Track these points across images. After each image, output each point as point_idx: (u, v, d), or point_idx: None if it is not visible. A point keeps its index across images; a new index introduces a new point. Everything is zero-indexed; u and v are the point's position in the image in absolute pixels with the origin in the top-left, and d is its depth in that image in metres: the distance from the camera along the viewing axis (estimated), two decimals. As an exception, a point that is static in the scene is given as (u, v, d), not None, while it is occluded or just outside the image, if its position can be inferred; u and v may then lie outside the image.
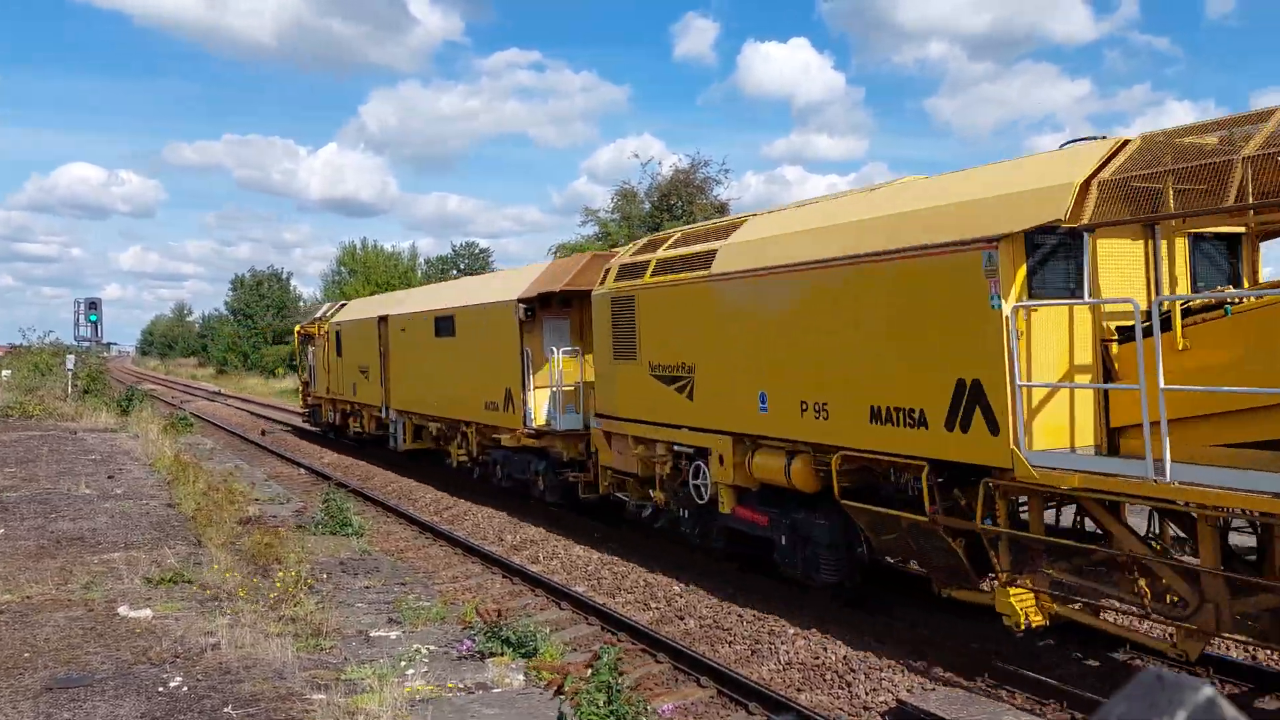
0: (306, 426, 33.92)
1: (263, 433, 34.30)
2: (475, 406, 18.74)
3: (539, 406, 16.67)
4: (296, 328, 33.74)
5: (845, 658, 9.36)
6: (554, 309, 17.03)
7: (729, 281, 11.13)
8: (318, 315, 32.22)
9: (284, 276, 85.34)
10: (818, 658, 9.50)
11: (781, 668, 9.45)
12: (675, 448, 12.55)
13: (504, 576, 13.56)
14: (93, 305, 44.34)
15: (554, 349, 16.38)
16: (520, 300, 16.86)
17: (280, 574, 10.20)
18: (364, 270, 59.11)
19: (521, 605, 12.03)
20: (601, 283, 14.05)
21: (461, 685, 7.32)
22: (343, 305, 31.35)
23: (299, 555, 12.26)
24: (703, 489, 12.11)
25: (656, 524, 13.78)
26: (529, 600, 12.35)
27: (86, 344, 46.27)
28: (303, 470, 25.08)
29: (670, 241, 13.00)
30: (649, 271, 12.75)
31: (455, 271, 60.72)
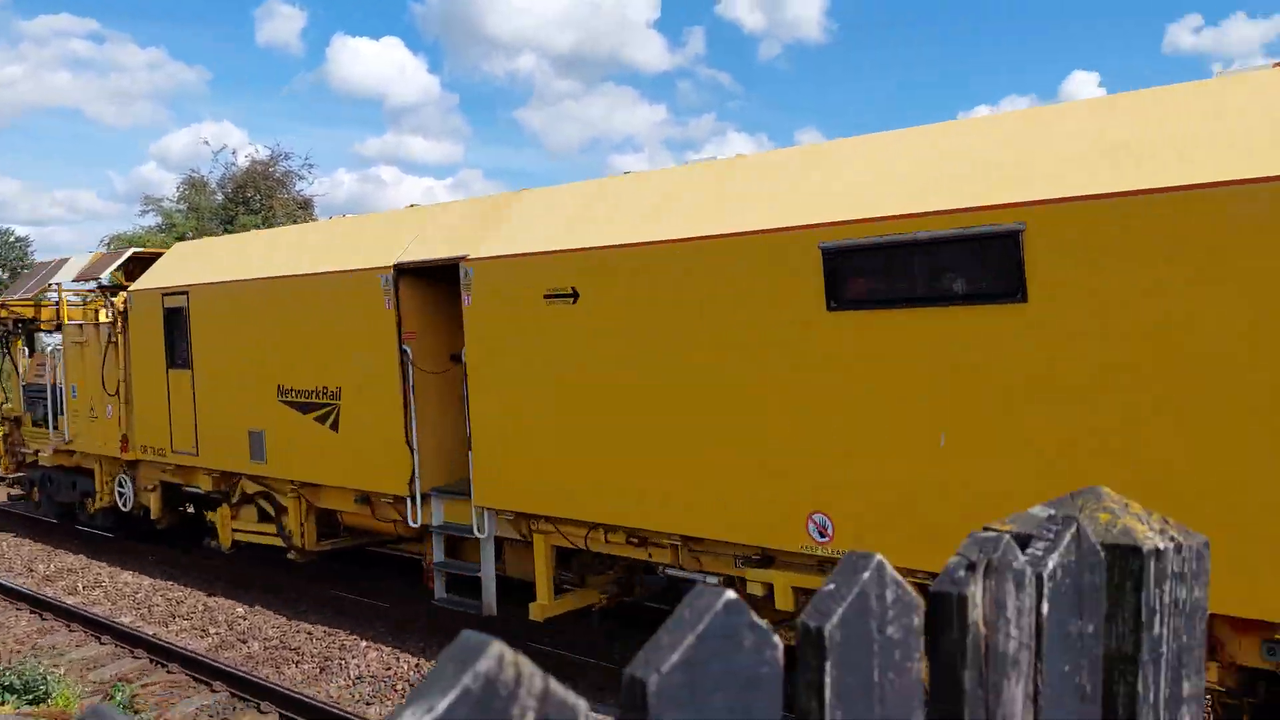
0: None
1: None
2: None
3: None
4: None
5: (419, 665, 9.29)
6: None
7: None
8: (54, 279, 15.02)
9: None
10: (389, 668, 9.34)
11: (351, 683, 9.16)
12: None
13: (33, 612, 11.85)
14: None
15: None
16: None
17: None
18: None
19: (52, 644, 10.59)
20: None
21: (-45, 748, 6.23)
22: (132, 253, 14.98)
23: None
24: None
25: None
26: (62, 637, 10.89)
27: None
28: None
29: None
30: None
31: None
